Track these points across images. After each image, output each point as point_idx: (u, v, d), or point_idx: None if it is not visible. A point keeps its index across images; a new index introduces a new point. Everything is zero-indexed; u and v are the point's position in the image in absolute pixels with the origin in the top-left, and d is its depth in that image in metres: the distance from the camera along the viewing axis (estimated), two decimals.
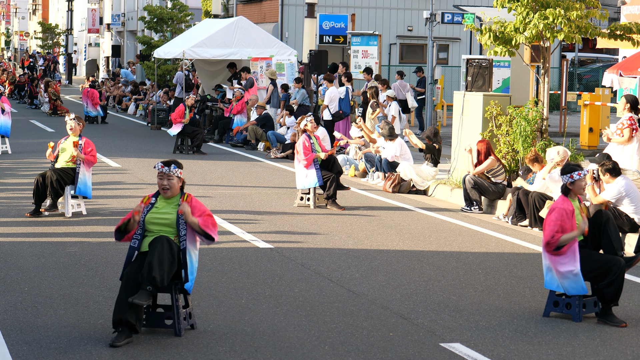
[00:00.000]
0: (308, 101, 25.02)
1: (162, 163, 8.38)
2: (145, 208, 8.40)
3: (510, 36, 15.69)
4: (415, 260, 11.76)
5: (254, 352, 8.03)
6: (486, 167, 15.55)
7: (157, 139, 26.98)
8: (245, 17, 31.70)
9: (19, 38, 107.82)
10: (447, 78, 33.57)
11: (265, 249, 12.20)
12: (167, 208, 8.39)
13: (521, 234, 13.72)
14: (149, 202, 8.44)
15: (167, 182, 8.34)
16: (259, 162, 21.92)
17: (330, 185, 15.42)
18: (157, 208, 8.40)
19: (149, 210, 8.38)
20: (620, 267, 9.09)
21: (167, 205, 8.40)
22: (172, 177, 8.34)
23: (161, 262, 8.05)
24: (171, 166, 8.33)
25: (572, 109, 33.31)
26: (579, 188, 9.26)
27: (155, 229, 8.35)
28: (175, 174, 8.34)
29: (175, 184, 8.35)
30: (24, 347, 7.98)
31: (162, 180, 8.37)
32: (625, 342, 8.63)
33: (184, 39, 31.48)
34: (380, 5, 40.21)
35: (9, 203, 15.34)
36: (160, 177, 8.38)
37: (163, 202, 8.43)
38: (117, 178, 18.48)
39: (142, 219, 8.35)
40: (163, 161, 8.42)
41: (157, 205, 8.42)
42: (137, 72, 44.47)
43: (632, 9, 21.51)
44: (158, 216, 8.36)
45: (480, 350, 8.18)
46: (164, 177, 8.35)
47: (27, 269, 10.76)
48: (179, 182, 8.39)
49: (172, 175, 8.34)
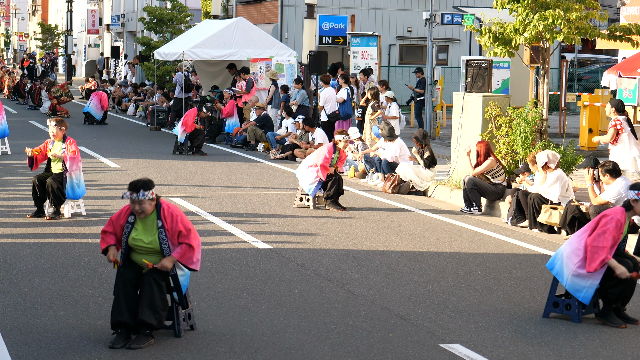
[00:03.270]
0: (308, 102, 25.02)
1: (130, 190, 8.20)
2: (126, 227, 8.30)
3: (510, 37, 15.70)
4: (414, 261, 11.75)
5: (253, 353, 8.03)
6: (485, 168, 15.55)
7: (157, 140, 26.97)
8: (244, 18, 31.70)
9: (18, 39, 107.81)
10: (447, 79, 33.58)
11: (264, 249, 12.20)
12: (147, 231, 8.28)
13: (521, 235, 13.72)
14: (127, 221, 8.31)
15: (139, 207, 8.21)
16: (259, 162, 21.92)
17: (331, 187, 15.42)
18: (137, 231, 8.30)
19: (130, 231, 8.30)
20: (628, 270, 9.08)
21: (144, 226, 8.30)
22: (143, 202, 8.20)
23: (154, 307, 8.06)
24: (139, 192, 8.16)
25: (572, 109, 33.34)
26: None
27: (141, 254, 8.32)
28: (146, 199, 8.18)
29: (147, 207, 8.22)
30: (23, 347, 7.98)
31: (134, 206, 8.23)
32: (625, 343, 8.63)
33: (184, 39, 31.48)
34: (379, 6, 40.23)
35: (8, 204, 15.33)
36: (132, 203, 8.25)
37: (140, 222, 8.34)
38: (116, 179, 18.47)
39: (124, 241, 8.30)
40: (130, 187, 8.21)
41: (136, 226, 8.31)
42: (137, 73, 44.46)
43: (632, 10, 21.52)
44: (141, 245, 8.27)
45: (480, 351, 8.18)
46: (135, 203, 8.22)
47: (26, 270, 10.76)
48: (151, 203, 8.24)
49: (143, 201, 8.20)
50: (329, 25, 30.43)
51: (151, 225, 8.29)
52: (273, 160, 22.23)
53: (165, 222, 8.24)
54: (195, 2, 51.65)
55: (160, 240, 8.24)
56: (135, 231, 8.31)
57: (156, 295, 8.08)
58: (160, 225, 8.24)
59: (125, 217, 8.36)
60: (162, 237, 8.24)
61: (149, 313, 8.03)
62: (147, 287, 8.10)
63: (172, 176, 19.11)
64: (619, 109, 15.19)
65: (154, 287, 8.10)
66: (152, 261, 8.28)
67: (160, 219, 8.25)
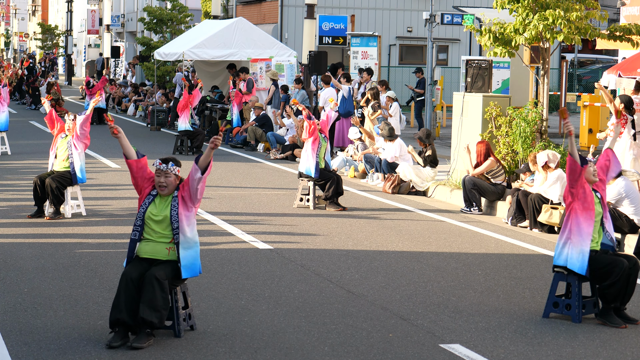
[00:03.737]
0: (308, 102, 25.02)
1: (161, 160, 8.35)
2: (147, 199, 8.37)
3: (510, 37, 15.70)
4: (414, 261, 11.75)
5: (253, 353, 8.03)
6: (485, 168, 15.55)
7: (157, 140, 26.98)
8: (244, 18, 31.72)
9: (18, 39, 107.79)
10: (447, 79, 33.58)
11: (264, 249, 12.20)
12: (163, 205, 8.35)
13: (521, 235, 13.72)
14: (150, 193, 8.40)
15: (164, 180, 8.29)
16: (259, 163, 21.92)
17: (330, 187, 15.43)
18: (155, 204, 8.36)
19: (150, 203, 8.36)
20: (624, 269, 9.08)
21: (162, 202, 8.37)
22: (169, 174, 8.29)
23: (155, 305, 8.05)
24: (169, 163, 8.30)
25: (572, 110, 33.32)
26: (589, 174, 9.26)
27: (150, 225, 8.33)
28: (172, 172, 8.30)
29: (172, 182, 8.31)
30: (23, 348, 7.98)
31: (159, 178, 8.31)
32: (625, 343, 8.63)
33: (184, 40, 31.50)
34: (379, 6, 40.23)
35: (8, 204, 15.33)
36: (158, 175, 8.32)
37: (160, 198, 8.41)
38: (116, 179, 18.48)
39: (142, 212, 8.35)
40: (162, 158, 8.39)
41: (155, 201, 8.39)
42: (137, 73, 44.47)
43: (632, 10, 21.50)
44: (155, 212, 8.33)
45: (480, 352, 8.18)
46: (162, 174, 8.29)
47: (26, 270, 10.76)
48: (176, 180, 8.35)
49: (170, 173, 8.29)
50: (329, 25, 30.43)
51: (167, 201, 8.34)
52: (273, 160, 22.23)
53: (180, 192, 8.29)
54: (195, 2, 51.65)
55: (172, 207, 8.27)
56: (153, 205, 8.34)
57: (157, 293, 8.08)
58: (175, 194, 8.29)
59: (149, 187, 8.39)
60: (174, 205, 8.27)
61: (149, 311, 8.03)
62: (149, 285, 8.10)
63: None
64: (628, 106, 15.15)
65: (155, 285, 8.09)
66: (159, 250, 8.29)
67: (178, 189, 8.31)
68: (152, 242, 8.32)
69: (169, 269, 8.26)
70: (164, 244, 8.31)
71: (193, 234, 8.40)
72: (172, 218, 8.27)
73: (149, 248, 8.33)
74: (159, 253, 8.31)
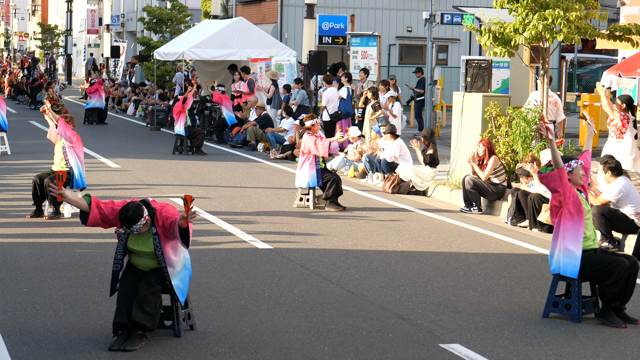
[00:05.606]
0: (308, 102, 25.02)
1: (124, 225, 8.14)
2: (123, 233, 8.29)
3: (510, 37, 15.69)
4: (414, 261, 11.75)
5: (253, 353, 8.03)
6: (492, 166, 15.53)
7: (157, 140, 26.98)
8: (244, 17, 31.70)
9: (18, 39, 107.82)
10: (447, 79, 33.58)
11: (264, 249, 12.20)
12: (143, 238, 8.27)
13: (520, 235, 13.72)
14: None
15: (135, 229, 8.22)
16: (259, 162, 21.92)
17: (330, 187, 15.43)
18: (134, 237, 8.29)
19: (127, 237, 8.29)
20: (624, 269, 9.08)
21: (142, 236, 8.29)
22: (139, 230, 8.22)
23: (147, 308, 8.04)
24: (133, 229, 8.13)
25: (572, 109, 33.32)
26: (577, 176, 9.26)
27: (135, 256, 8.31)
28: (140, 225, 8.16)
29: (143, 229, 8.22)
30: (23, 348, 7.98)
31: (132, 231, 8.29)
32: (625, 343, 8.63)
33: (184, 39, 31.48)
34: (379, 6, 40.23)
35: (8, 204, 15.33)
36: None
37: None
38: (116, 179, 18.48)
39: (122, 247, 8.29)
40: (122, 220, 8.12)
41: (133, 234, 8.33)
42: (137, 73, 44.47)
43: (632, 10, 21.51)
44: (137, 247, 8.27)
45: (480, 351, 8.18)
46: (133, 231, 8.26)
47: (26, 270, 10.76)
48: (146, 225, 8.21)
49: (139, 229, 8.21)
50: (329, 25, 30.45)
51: (147, 234, 8.30)
52: (273, 160, 22.23)
53: (158, 227, 8.23)
54: (195, 2, 51.68)
55: (155, 246, 8.25)
56: (133, 238, 8.31)
57: (150, 297, 8.08)
58: (154, 232, 8.24)
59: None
60: (157, 244, 8.24)
61: (141, 314, 8.03)
62: (143, 289, 8.11)
63: (172, 176, 19.12)
64: (629, 106, 15.15)
65: (148, 288, 8.11)
66: (150, 265, 8.30)
67: (155, 225, 8.25)
68: (141, 259, 8.33)
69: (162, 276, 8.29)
70: (154, 261, 8.32)
71: (180, 257, 8.38)
72: (158, 258, 8.26)
73: (140, 262, 8.35)
74: (151, 265, 8.32)
